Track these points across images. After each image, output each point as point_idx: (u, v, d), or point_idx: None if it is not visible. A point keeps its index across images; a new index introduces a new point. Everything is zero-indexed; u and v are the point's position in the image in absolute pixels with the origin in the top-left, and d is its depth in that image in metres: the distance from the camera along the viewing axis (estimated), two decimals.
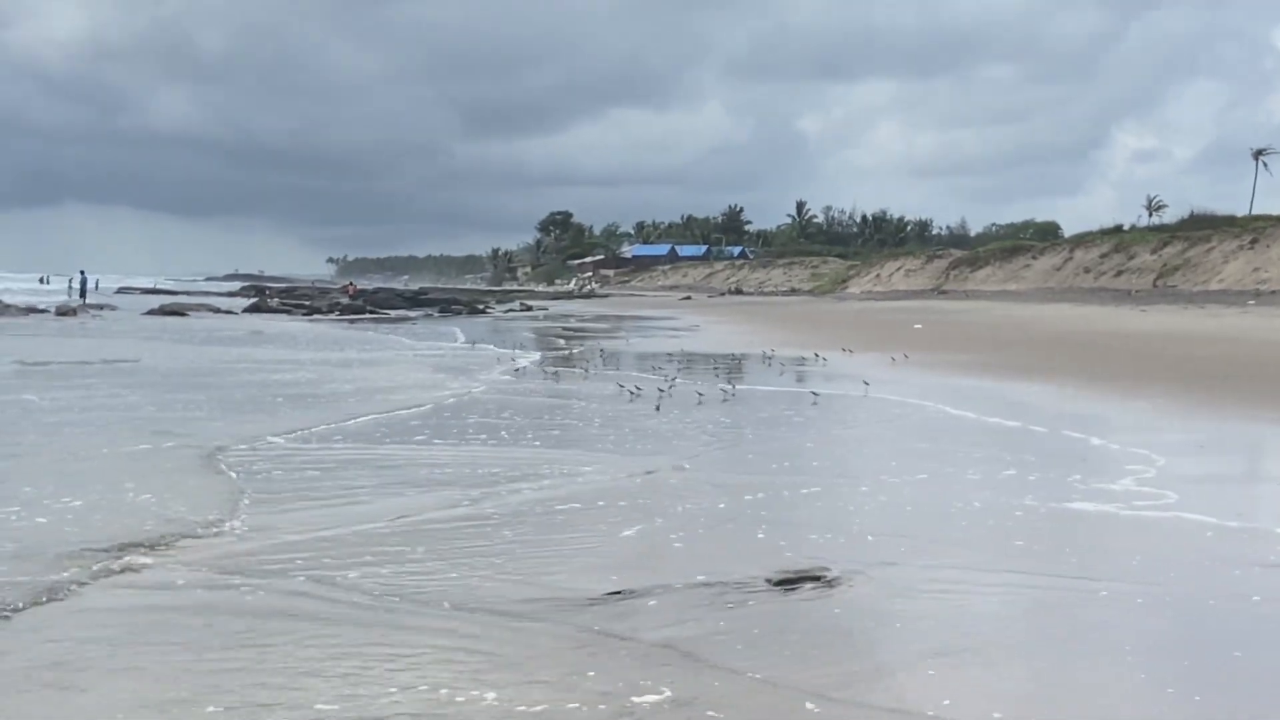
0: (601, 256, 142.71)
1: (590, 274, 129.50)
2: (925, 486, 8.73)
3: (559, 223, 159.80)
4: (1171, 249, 54.04)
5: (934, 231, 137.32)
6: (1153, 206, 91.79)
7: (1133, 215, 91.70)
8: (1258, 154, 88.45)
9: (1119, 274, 55.57)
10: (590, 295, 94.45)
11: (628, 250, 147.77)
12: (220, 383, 16.37)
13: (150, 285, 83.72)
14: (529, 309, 59.52)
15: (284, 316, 45.08)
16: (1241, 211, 65.21)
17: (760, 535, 7.10)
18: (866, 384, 15.90)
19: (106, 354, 20.77)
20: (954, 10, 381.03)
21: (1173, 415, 12.98)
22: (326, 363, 20.73)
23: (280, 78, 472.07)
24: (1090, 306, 44.39)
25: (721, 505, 7.97)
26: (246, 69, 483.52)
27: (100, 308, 45.46)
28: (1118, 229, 66.52)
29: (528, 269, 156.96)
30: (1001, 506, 7.95)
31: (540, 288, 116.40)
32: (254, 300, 54.37)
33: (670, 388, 15.47)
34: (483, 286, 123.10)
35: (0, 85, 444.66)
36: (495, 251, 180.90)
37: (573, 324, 42.32)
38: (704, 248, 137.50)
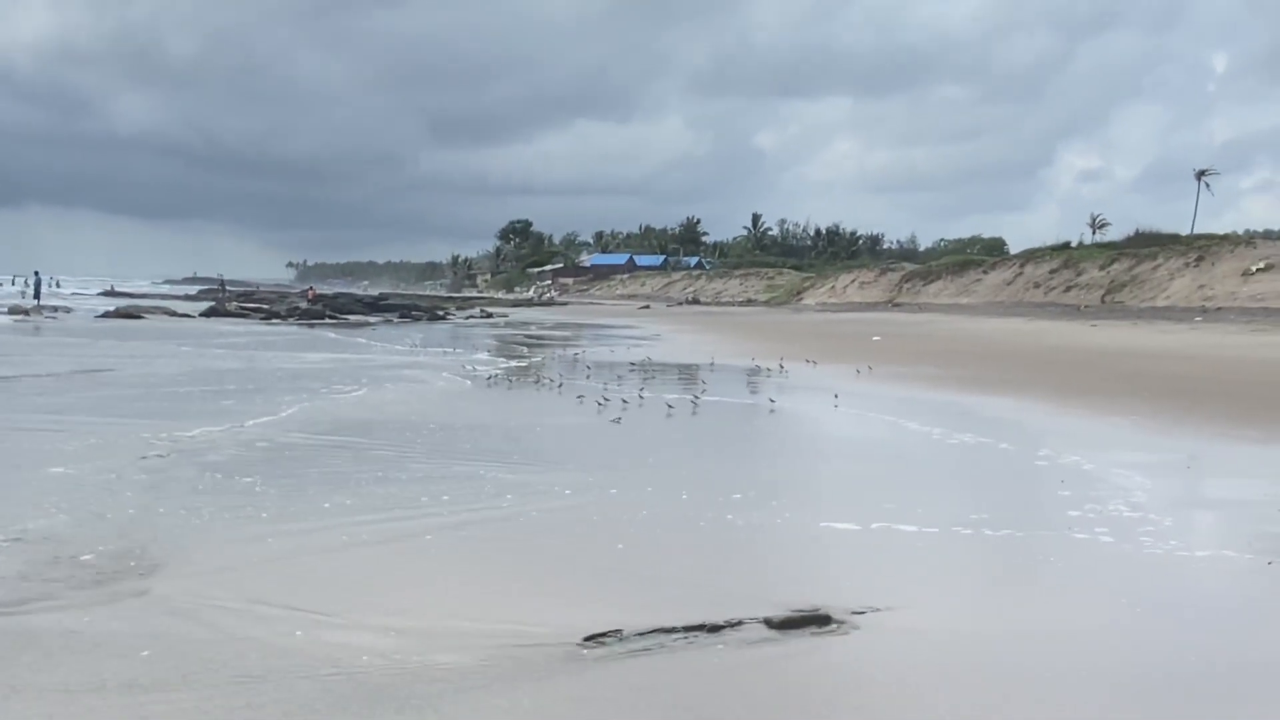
0: (561, 265, 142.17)
1: (549, 282, 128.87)
2: (914, 520, 8.22)
3: (519, 231, 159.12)
4: (1119, 266, 54.38)
5: (885, 245, 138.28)
6: (1096, 224, 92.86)
7: (1077, 232, 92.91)
8: (1200, 174, 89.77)
9: (1068, 289, 55.83)
10: (550, 303, 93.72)
11: (586, 259, 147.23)
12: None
13: (107, 288, 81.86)
14: (489, 316, 58.67)
15: (242, 320, 43.95)
16: (1183, 230, 65.91)
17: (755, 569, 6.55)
18: (836, 396, 15.52)
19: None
20: (910, 32, 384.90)
21: (1150, 432, 12.61)
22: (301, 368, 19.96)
23: (247, 84, 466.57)
24: (1042, 321, 44.40)
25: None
26: (213, 74, 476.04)
27: (55, 309, 44.07)
28: (1066, 246, 66.93)
29: (487, 276, 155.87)
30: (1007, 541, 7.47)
31: (500, 295, 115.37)
32: (211, 304, 53.08)
33: (640, 397, 14.94)
34: (442, 293, 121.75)
35: None
36: (455, 258, 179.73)
37: (533, 331, 41.62)
38: (662, 258, 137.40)
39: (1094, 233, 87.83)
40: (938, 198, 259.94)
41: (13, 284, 63.91)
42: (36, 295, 50.23)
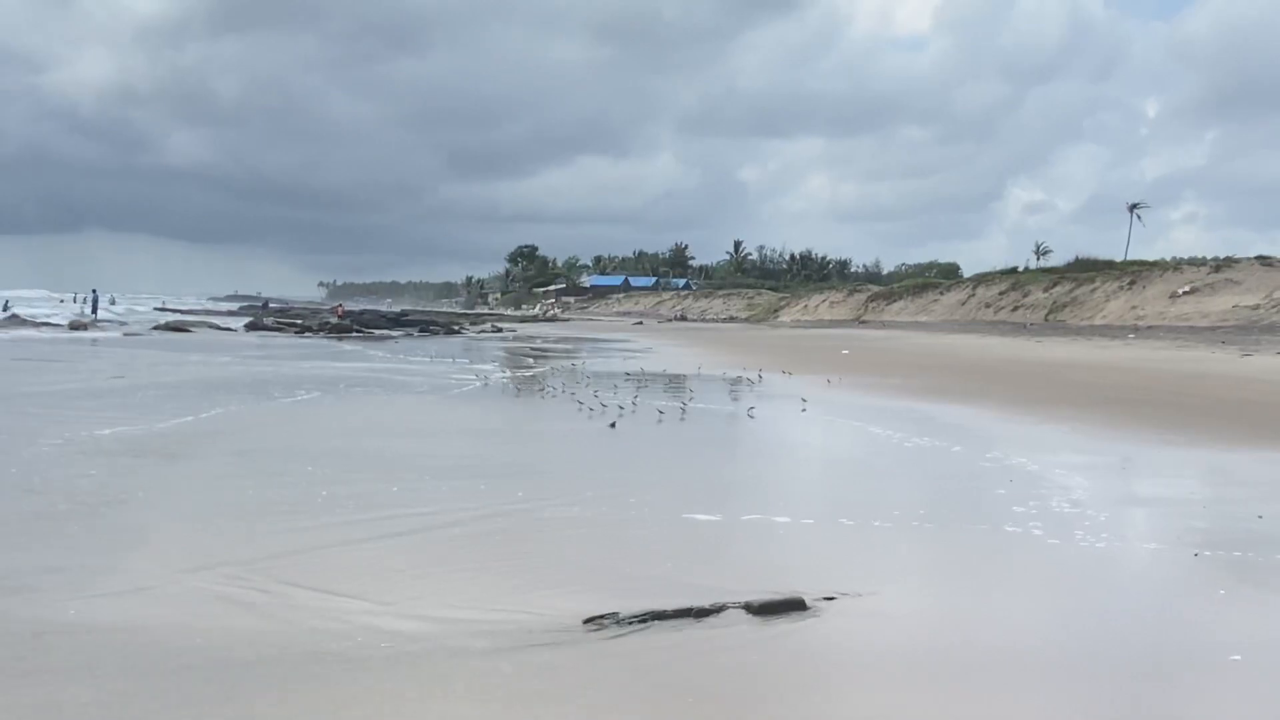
0: (563, 285, 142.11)
1: (553, 300, 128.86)
2: (888, 513, 8.23)
3: (526, 255, 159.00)
4: (1061, 288, 54.57)
5: (853, 269, 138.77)
6: (1040, 251, 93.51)
7: (1023, 258, 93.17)
8: (1133, 207, 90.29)
9: (1015, 309, 56.00)
10: (553, 319, 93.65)
11: (586, 280, 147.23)
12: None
13: (160, 304, 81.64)
14: (499, 330, 58.58)
15: (278, 334, 43.84)
16: (1118, 257, 66.12)
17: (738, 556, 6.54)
18: (804, 400, 15.60)
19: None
20: (878, 79, 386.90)
21: (1088, 436, 12.63)
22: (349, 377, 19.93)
23: (285, 122, 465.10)
24: (992, 337, 44.50)
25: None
26: (255, 114, 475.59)
27: (110, 323, 43.94)
28: (1013, 270, 67.14)
29: (497, 295, 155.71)
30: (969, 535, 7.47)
31: (509, 311, 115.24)
32: (251, 319, 52.94)
33: (634, 404, 14.94)
34: (458, 310, 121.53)
35: (34, 123, 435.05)
36: (469, 279, 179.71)
37: (539, 344, 41.54)
38: (653, 279, 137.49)
39: (1038, 259, 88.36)
40: (900, 227, 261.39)
41: (74, 300, 63.70)
42: (94, 310, 50.08)
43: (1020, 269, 69.04)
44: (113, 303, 65.71)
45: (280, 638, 4.71)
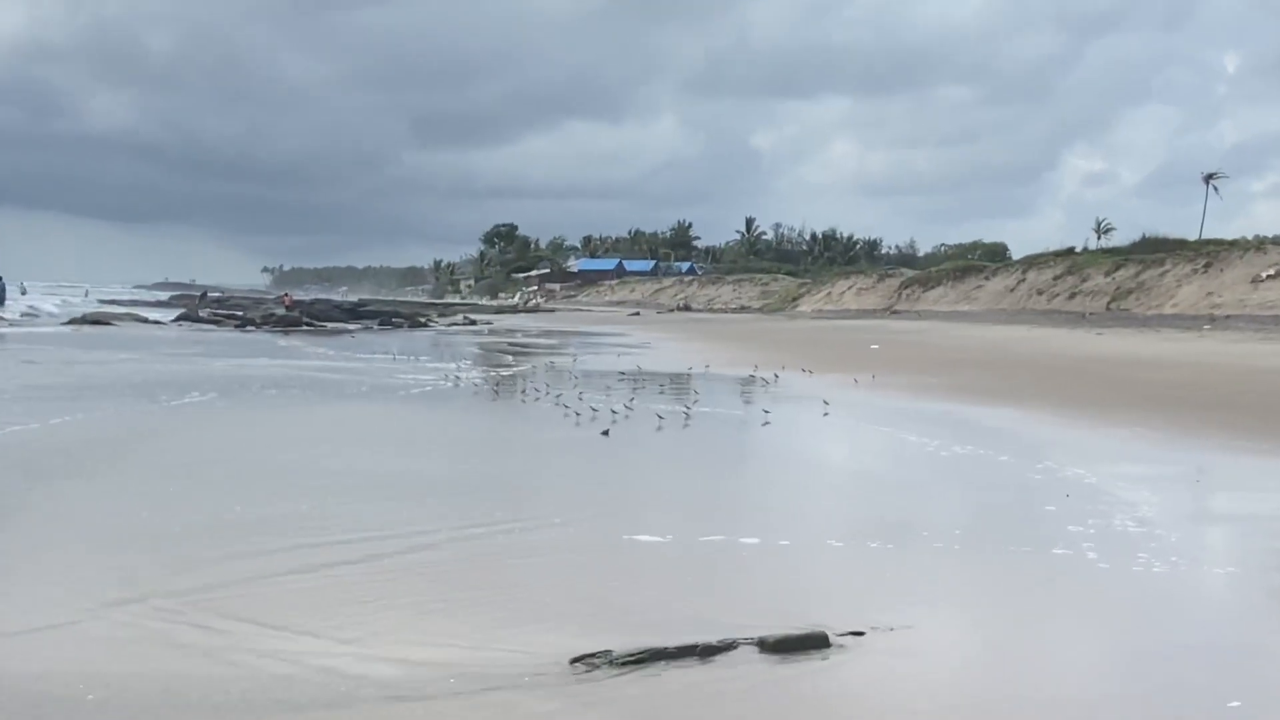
0: (547, 270, 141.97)
1: (535, 288, 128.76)
2: (926, 539, 8.23)
3: (503, 235, 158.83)
4: (1124, 272, 54.56)
5: (883, 251, 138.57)
6: (1101, 229, 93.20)
7: (1080, 238, 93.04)
8: (1209, 178, 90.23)
9: (1072, 296, 55.99)
10: (535, 309, 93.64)
11: (573, 264, 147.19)
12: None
13: (84, 293, 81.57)
14: (473, 323, 58.59)
15: (213, 328, 43.82)
16: (1191, 235, 66.17)
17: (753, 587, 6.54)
18: (827, 403, 15.74)
19: None
20: (911, 30, 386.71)
21: (1156, 444, 12.63)
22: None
23: (225, 82, 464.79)
24: (1045, 329, 44.51)
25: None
26: (190, 72, 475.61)
27: (19, 315, 43.90)
28: (1070, 251, 67.12)
29: (470, 282, 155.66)
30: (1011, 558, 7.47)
31: (483, 301, 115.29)
32: (184, 310, 52.93)
33: (628, 408, 14.95)
34: (424, 299, 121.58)
35: None
36: (437, 264, 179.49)
37: (518, 339, 41.57)
38: (652, 263, 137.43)
39: (1099, 238, 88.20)
40: (938, 201, 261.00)
41: (23, 293, 63.31)
42: (0, 301, 50.01)
43: (1078, 250, 69.09)
44: (23, 292, 65.51)
45: (226, 684, 4.70)
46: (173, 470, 9.95)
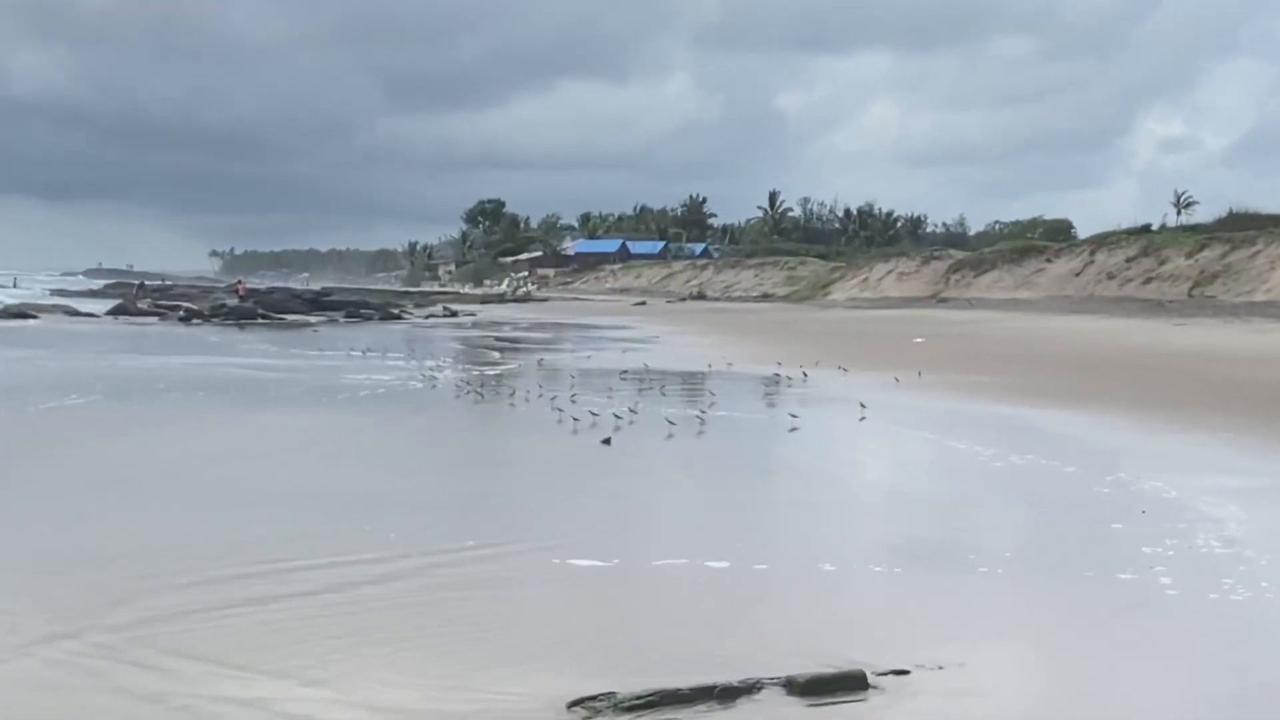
0: (539, 253, 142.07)
1: (526, 274, 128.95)
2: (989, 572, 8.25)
3: (489, 213, 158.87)
4: (1209, 253, 54.44)
5: (928, 229, 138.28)
6: (1181, 203, 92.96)
7: (1158, 213, 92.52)
8: None
9: (1148, 281, 55.89)
10: (526, 298, 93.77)
11: (570, 246, 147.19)
12: None
13: (9, 282, 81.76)
14: (454, 314, 58.75)
15: (154, 321, 43.94)
16: None
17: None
18: (863, 405, 15.85)
19: None
20: None
21: (1246, 452, 12.63)
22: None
23: (168, 39, 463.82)
24: (1116, 319, 44.45)
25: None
26: (127, 27, 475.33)
27: None
28: (1146, 229, 67.01)
29: (450, 267, 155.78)
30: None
31: (466, 289, 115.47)
32: (119, 302, 53.02)
33: (634, 414, 15.00)
34: (397, 287, 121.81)
35: None
36: (413, 246, 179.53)
37: (506, 333, 41.68)
38: (661, 244, 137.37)
39: (1179, 213, 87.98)
40: (992, 172, 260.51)
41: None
42: None
43: (1155, 227, 69.02)
44: None
45: None
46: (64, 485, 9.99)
